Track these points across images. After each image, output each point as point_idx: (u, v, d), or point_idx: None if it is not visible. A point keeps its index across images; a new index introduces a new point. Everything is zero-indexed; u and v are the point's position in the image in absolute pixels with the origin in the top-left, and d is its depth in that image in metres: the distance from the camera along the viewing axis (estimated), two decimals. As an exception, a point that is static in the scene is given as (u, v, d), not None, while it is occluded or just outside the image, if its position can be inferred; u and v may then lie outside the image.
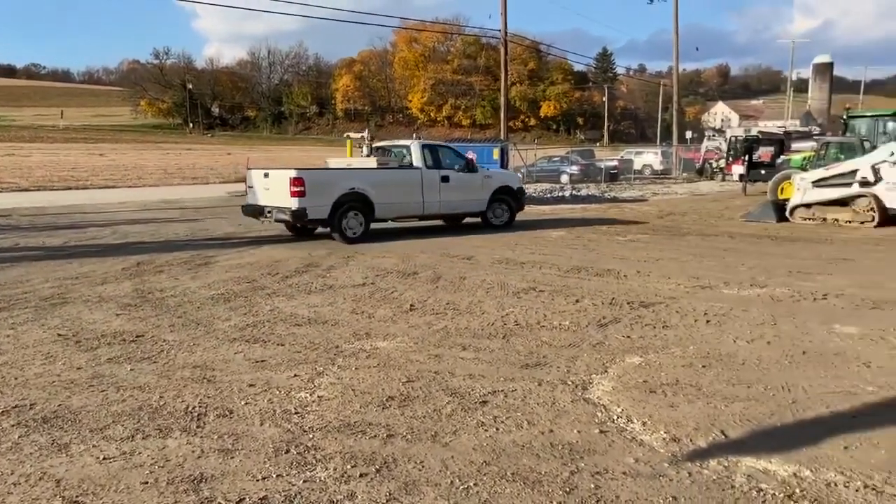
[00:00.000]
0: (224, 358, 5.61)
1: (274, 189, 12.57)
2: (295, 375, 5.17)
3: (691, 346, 5.94)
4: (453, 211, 14.62)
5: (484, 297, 7.90)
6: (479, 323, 6.75)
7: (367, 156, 14.38)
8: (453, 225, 15.32)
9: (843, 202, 15.28)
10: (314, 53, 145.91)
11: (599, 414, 4.43)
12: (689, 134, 58.74)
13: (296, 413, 4.41)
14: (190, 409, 4.49)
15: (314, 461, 3.72)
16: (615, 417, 4.37)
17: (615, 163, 37.10)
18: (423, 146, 14.15)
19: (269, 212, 12.57)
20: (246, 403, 4.58)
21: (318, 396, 4.72)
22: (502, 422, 4.28)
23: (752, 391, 4.84)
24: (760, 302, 7.64)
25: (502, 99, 28.78)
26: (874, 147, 16.13)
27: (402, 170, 13.90)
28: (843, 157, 16.67)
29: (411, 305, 7.49)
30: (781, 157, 23.91)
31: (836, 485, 3.46)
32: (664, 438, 4.03)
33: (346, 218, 12.54)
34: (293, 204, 11.97)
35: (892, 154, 14.67)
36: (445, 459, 3.74)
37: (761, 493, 3.36)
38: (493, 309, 7.33)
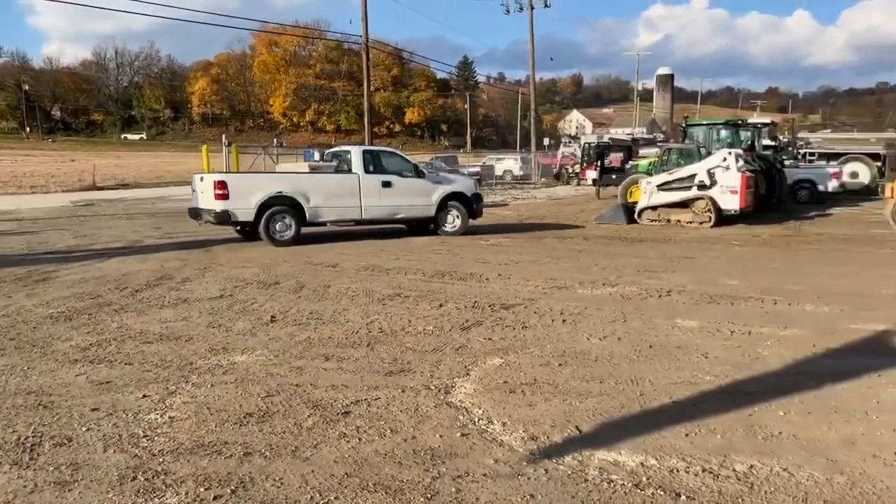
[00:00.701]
0: (63, 381, 5.18)
1: (206, 192, 12.97)
2: (144, 396, 4.86)
3: (548, 346, 6.16)
4: (397, 216, 14.53)
5: (348, 305, 7.81)
6: (343, 332, 6.66)
7: (321, 160, 14.94)
8: (400, 230, 15.29)
9: (684, 204, 16.48)
10: (167, 55, 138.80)
11: (461, 417, 4.48)
12: (546, 140, 61.32)
13: (144, 436, 4.14)
14: (22, 439, 4.10)
15: (164, 487, 3.51)
16: (476, 420, 4.44)
17: (478, 169, 37.99)
18: (364, 151, 14.44)
19: (202, 214, 13.19)
20: (87, 429, 4.25)
21: (170, 417, 4.46)
22: (365, 431, 4.23)
23: (604, 386, 5.08)
24: (612, 300, 8.06)
25: (365, 104, 28.72)
26: (710, 153, 17.51)
27: (337, 174, 14.12)
28: (683, 162, 17.97)
29: (272, 317, 7.27)
30: (630, 162, 25.42)
31: (678, 471, 3.69)
32: (523, 437, 4.14)
33: (273, 221, 12.88)
34: (217, 206, 12.56)
35: (725, 160, 16.00)
36: (306, 474, 3.65)
37: (612, 485, 3.52)
38: (357, 317, 7.26)
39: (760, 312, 7.42)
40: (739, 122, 22.21)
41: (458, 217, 14.89)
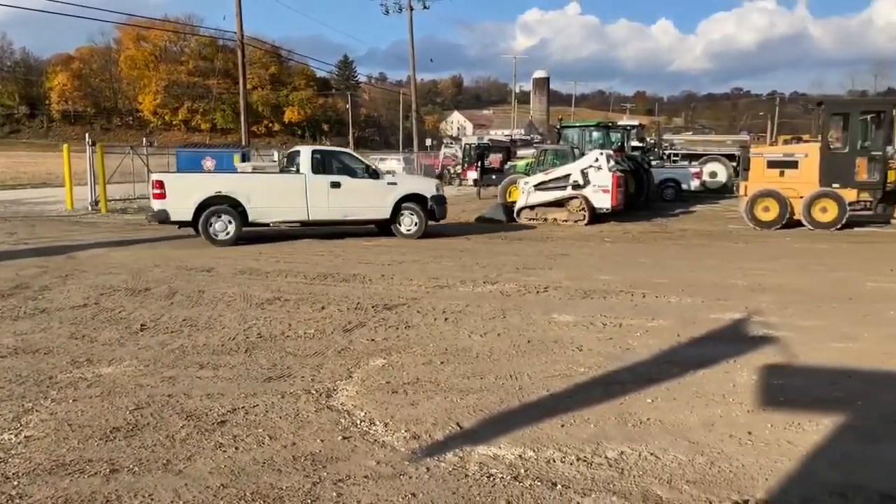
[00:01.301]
0: None
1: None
2: (-4, 416, 4.48)
3: (431, 344, 6.20)
4: (347, 217, 14.13)
5: (225, 311, 7.54)
6: (219, 338, 6.42)
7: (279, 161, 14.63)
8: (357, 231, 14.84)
9: (560, 203, 17.09)
10: (21, 47, 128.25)
11: (343, 420, 4.43)
12: (428, 141, 61.82)
13: (-4, 460, 3.82)
14: None
15: (19, 513, 3.25)
16: (358, 422, 4.40)
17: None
18: (314, 151, 14.15)
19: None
20: (-71, 456, 3.86)
21: (26, 437, 4.14)
22: (242, 440, 4.09)
23: (484, 382, 5.18)
24: (492, 297, 8.23)
25: (242, 103, 27.85)
26: (583, 154, 18.25)
27: (282, 174, 14.13)
28: (558, 162, 18.63)
29: (142, 325, 6.90)
30: (509, 163, 26.10)
31: (554, 461, 3.82)
32: (405, 437, 4.15)
33: (212, 221, 12.83)
34: (154, 206, 12.85)
35: (597, 160, 16.73)
36: (178, 488, 3.48)
37: (491, 479, 3.59)
38: (234, 322, 7.02)
39: (630, 305, 7.81)
40: (610, 124, 23.32)
41: (415, 219, 14.28)
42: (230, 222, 13.03)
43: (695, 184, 25.10)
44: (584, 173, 16.67)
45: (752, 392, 4.98)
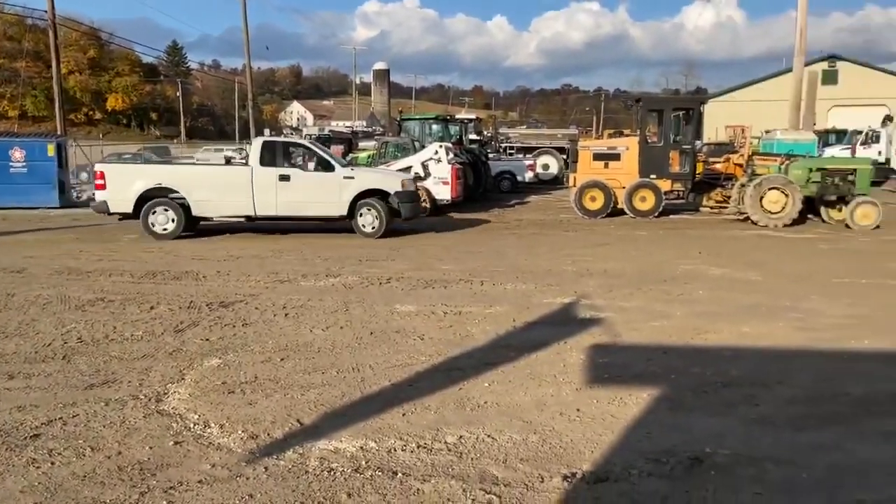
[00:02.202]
0: None
1: None
2: None
3: (270, 341, 6.04)
4: (297, 213, 13.13)
5: (39, 315, 6.90)
6: (31, 345, 5.87)
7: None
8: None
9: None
10: None
11: (175, 425, 4.21)
12: (267, 132, 59.87)
13: None
14: None
15: None
16: (192, 425, 4.20)
17: (194, 160, 35.98)
18: (265, 142, 13.37)
19: None
20: None
21: None
22: (59, 454, 3.77)
23: (326, 376, 5.12)
24: (335, 291, 8.15)
25: (56, 88, 25.50)
26: (423, 146, 18.50)
27: (227, 166, 13.36)
28: (399, 155, 18.76)
29: (-62, 334, 6.15)
30: (350, 154, 25.91)
31: (395, 450, 3.86)
32: (242, 438, 4.01)
33: (153, 213, 12.35)
34: (97, 196, 12.54)
35: (437, 153, 17.03)
36: (-17, 513, 3.15)
37: (332, 473, 3.57)
38: (49, 327, 6.44)
39: (469, 293, 8.04)
40: (449, 117, 23.82)
41: (376, 217, 12.99)
42: (173, 216, 12.45)
43: (529, 175, 26.22)
44: (424, 165, 16.91)
45: (581, 371, 5.30)
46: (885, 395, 4.77)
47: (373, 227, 12.97)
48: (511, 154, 31.13)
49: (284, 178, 12.78)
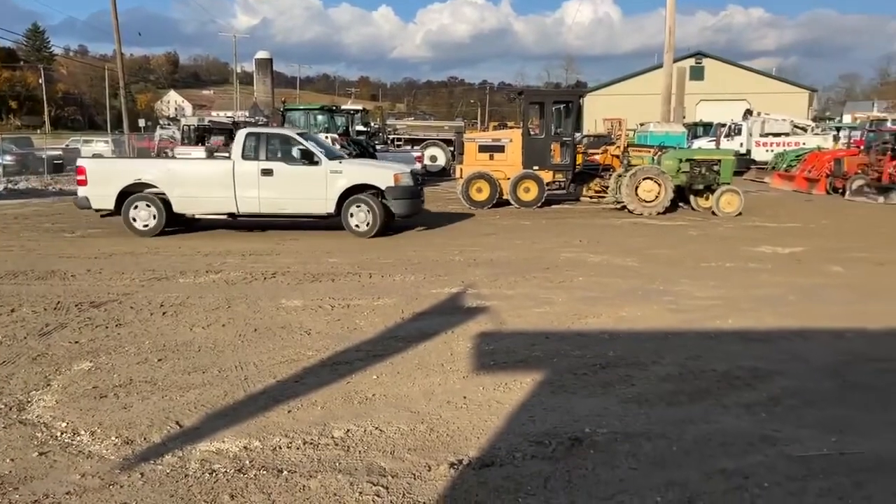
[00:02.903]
0: None
1: None
2: None
3: (147, 341, 5.76)
4: (281, 211, 12.12)
5: None
6: None
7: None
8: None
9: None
10: None
11: (39, 434, 3.94)
12: (142, 122, 56.99)
13: None
14: None
15: None
16: (59, 434, 3.94)
17: (59, 152, 33.63)
18: (248, 134, 12.20)
19: None
20: None
21: None
22: None
23: (207, 376, 4.94)
24: (216, 287, 7.87)
25: None
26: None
27: (208, 160, 12.47)
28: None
29: None
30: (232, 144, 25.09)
31: (280, 448, 3.78)
32: (116, 444, 3.81)
33: (134, 209, 11.86)
34: (79, 192, 12.06)
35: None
36: None
37: (214, 475, 3.45)
38: None
39: (358, 286, 7.98)
40: (334, 108, 23.51)
41: (369, 214, 11.83)
42: (155, 213, 11.86)
43: (417, 167, 26.34)
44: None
45: (468, 359, 5.38)
46: (745, 370, 5.13)
47: (366, 226, 11.84)
48: (399, 146, 31.12)
49: (267, 172, 11.79)
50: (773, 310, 6.90)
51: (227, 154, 12.80)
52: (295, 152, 12.07)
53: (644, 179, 15.04)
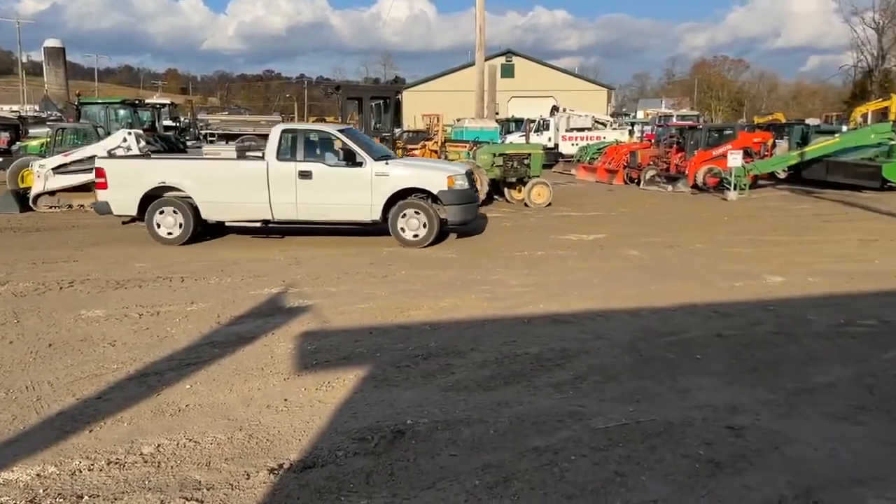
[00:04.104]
0: None
1: None
2: None
3: (-86, 367, 5.04)
4: (321, 217, 10.72)
5: None
6: None
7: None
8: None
9: (87, 187, 15.46)
10: None
11: None
12: None
13: None
14: None
15: None
16: None
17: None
18: (284, 131, 10.82)
19: None
20: None
21: None
22: None
23: (-9, 400, 4.42)
24: (1, 300, 7.07)
25: None
26: (108, 133, 16.79)
27: (239, 160, 11.25)
28: (80, 142, 16.80)
29: None
30: (18, 143, 22.63)
31: (81, 471, 3.47)
32: None
33: (160, 215, 10.68)
34: (98, 197, 11.06)
35: (125, 140, 15.57)
36: None
37: (0, 510, 3.10)
38: None
39: (168, 291, 7.52)
40: (137, 101, 21.93)
41: (423, 221, 10.49)
42: (181, 219, 10.60)
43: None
44: (111, 154, 15.36)
45: (289, 360, 5.26)
46: (555, 351, 5.47)
47: (419, 234, 10.52)
48: (212, 141, 29.73)
49: (305, 174, 10.47)
50: (580, 293, 7.41)
51: (259, 154, 11.38)
52: (336, 152, 10.97)
53: (461, 173, 15.51)
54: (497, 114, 32.13)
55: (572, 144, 29.91)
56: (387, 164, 10.66)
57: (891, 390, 4.67)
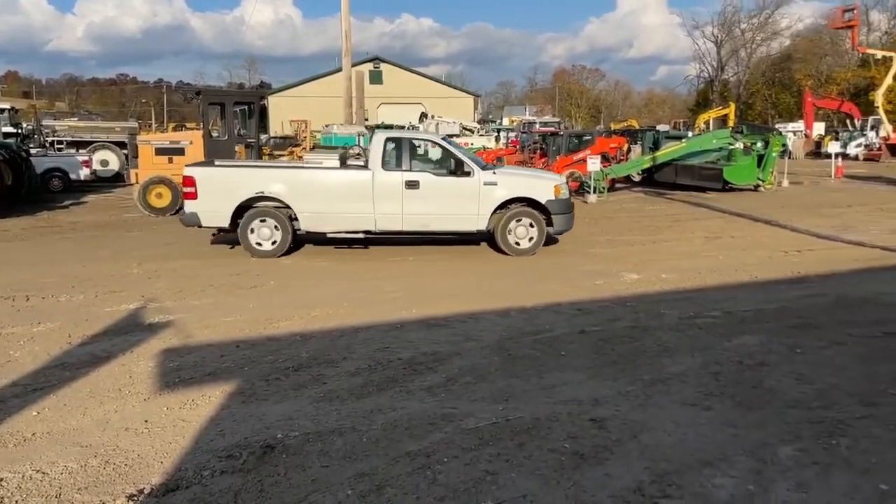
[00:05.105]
0: None
1: None
2: None
3: None
4: (426, 228, 10.44)
5: None
6: None
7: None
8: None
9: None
10: None
11: None
12: None
13: None
14: None
15: None
16: None
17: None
18: (388, 140, 10.47)
19: None
20: None
21: None
22: None
23: None
24: None
25: None
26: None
27: (343, 170, 10.64)
28: None
29: None
30: None
31: None
32: None
33: (253, 228, 10.05)
34: (186, 208, 10.31)
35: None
36: None
37: None
38: None
39: (12, 311, 6.94)
40: (-29, 106, 20.08)
41: (532, 230, 10.36)
42: (277, 229, 10.11)
43: (85, 173, 23.65)
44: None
45: (149, 380, 5.00)
46: (427, 354, 5.53)
47: (529, 242, 10.39)
48: (60, 149, 27.69)
49: (412, 184, 10.16)
50: (452, 296, 7.53)
51: (362, 163, 10.63)
52: (443, 161, 10.64)
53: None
54: (366, 120, 32.04)
55: (441, 150, 30.32)
56: (494, 173, 10.59)
57: (733, 376, 5.07)
